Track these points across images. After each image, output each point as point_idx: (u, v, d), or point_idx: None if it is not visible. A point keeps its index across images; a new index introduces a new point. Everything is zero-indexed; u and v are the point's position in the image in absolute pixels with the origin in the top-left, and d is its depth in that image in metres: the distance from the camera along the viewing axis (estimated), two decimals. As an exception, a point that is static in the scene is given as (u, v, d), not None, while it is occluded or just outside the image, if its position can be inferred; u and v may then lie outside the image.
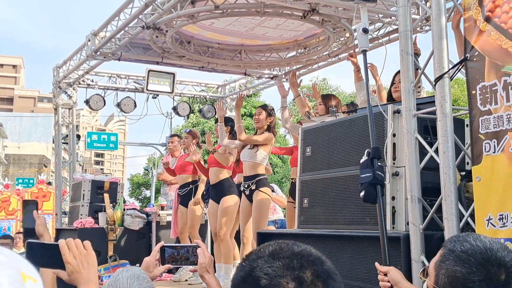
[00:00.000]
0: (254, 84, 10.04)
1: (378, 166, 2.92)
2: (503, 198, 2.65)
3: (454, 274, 1.60)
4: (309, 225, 4.24)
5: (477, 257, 1.59)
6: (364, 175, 2.92)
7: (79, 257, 1.74)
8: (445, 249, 1.67)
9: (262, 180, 6.15)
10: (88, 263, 1.75)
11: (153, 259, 2.33)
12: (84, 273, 1.73)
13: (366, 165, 2.93)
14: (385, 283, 2.39)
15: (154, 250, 2.37)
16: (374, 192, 2.90)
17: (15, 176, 32.99)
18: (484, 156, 2.78)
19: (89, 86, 9.21)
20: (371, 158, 2.92)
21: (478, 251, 1.60)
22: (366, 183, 2.90)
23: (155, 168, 24.08)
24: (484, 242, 1.63)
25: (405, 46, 3.43)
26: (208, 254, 2.31)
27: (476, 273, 1.57)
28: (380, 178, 2.91)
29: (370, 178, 2.88)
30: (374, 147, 2.98)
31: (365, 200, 2.96)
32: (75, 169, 9.71)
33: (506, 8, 2.74)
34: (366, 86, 3.34)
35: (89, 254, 1.77)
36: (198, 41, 7.63)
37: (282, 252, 1.22)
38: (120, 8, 6.68)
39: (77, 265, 1.73)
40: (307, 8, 6.02)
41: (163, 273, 2.43)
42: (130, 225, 7.53)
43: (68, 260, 1.73)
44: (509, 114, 2.65)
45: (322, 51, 7.61)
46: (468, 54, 2.94)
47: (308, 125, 4.67)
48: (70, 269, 1.73)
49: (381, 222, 2.89)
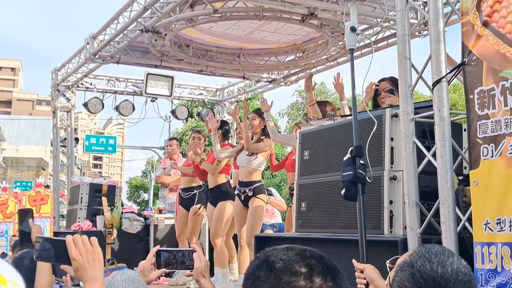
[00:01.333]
0: (253, 87, 10.05)
1: (360, 164, 2.95)
2: (500, 202, 2.65)
3: None
4: (307, 229, 4.24)
5: (428, 285, 1.51)
6: (345, 173, 2.94)
7: (85, 254, 1.73)
8: (411, 257, 1.60)
9: (259, 187, 6.16)
10: (94, 260, 1.74)
11: (148, 263, 2.32)
12: (90, 271, 1.72)
13: (348, 163, 2.95)
14: (361, 280, 2.39)
15: (149, 254, 2.36)
16: (355, 190, 2.92)
17: (13, 179, 32.92)
18: (481, 160, 2.78)
19: (88, 89, 9.22)
20: (353, 156, 2.94)
21: (432, 278, 1.51)
22: (347, 181, 2.92)
23: (153, 171, 24.06)
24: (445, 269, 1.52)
25: (403, 50, 3.43)
26: (204, 259, 2.30)
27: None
28: (361, 176, 2.92)
29: (351, 176, 2.91)
30: (356, 145, 3.00)
31: (345, 198, 2.97)
32: (73, 172, 9.70)
33: (504, 13, 2.75)
34: (352, 86, 3.28)
35: (95, 251, 1.75)
36: (197, 45, 7.64)
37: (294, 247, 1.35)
38: (119, 12, 6.69)
39: (83, 261, 1.72)
40: (305, 12, 6.04)
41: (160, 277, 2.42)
42: (128, 229, 7.51)
43: (74, 256, 1.72)
44: (506, 118, 2.66)
45: (321, 55, 7.62)
46: (466, 58, 2.95)
47: (306, 129, 4.67)
48: (76, 265, 1.72)
49: (360, 221, 2.92)
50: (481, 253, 2.72)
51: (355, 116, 3.09)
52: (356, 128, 3.08)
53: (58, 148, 9.64)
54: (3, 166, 40.74)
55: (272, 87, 9.34)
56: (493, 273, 2.63)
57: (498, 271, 2.61)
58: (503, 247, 2.60)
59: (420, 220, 3.28)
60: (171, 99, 9.73)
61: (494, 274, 2.62)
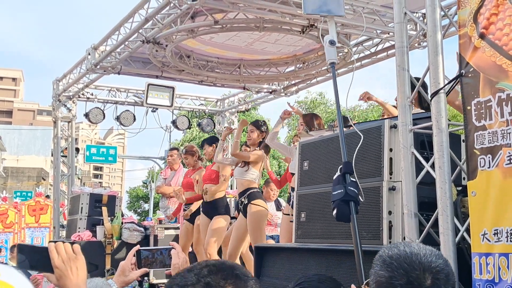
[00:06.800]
0: (253, 98, 10.09)
1: (351, 181, 2.73)
2: (497, 213, 2.66)
3: (379, 279, 1.59)
4: (307, 239, 4.25)
5: (400, 261, 1.57)
6: (336, 192, 2.72)
7: (68, 262, 1.72)
8: (377, 255, 1.67)
9: (253, 193, 6.12)
10: (77, 268, 1.72)
11: (128, 263, 2.30)
12: (73, 279, 1.70)
13: (338, 181, 2.75)
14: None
15: (129, 253, 2.34)
16: (347, 209, 2.69)
17: (13, 189, 32.87)
18: (479, 171, 2.80)
19: (89, 99, 9.26)
20: (343, 174, 2.74)
21: (402, 256, 1.58)
22: (338, 200, 2.69)
23: (154, 181, 24.06)
24: (412, 248, 1.61)
25: (401, 62, 3.46)
26: (182, 255, 2.30)
27: (397, 277, 1.55)
28: (353, 194, 2.70)
29: (342, 194, 2.69)
30: (345, 161, 2.81)
31: (338, 219, 2.74)
32: (73, 182, 9.72)
33: (500, 25, 2.79)
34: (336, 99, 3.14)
35: (78, 258, 1.74)
36: (197, 56, 7.69)
37: (195, 266, 1.38)
38: (121, 23, 6.75)
39: (66, 269, 1.71)
40: (305, 23, 6.09)
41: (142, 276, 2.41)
42: (128, 239, 7.51)
43: (56, 264, 1.71)
44: (503, 129, 2.68)
45: (321, 66, 7.67)
46: (463, 70, 2.98)
47: (306, 140, 4.70)
48: (59, 273, 1.71)
49: (355, 240, 2.75)
50: (479, 264, 2.73)
51: (341, 132, 2.96)
52: (344, 144, 2.92)
53: (59, 158, 9.67)
54: (4, 176, 40.73)
55: (273, 97, 9.38)
56: (491, 284, 2.64)
57: (495, 281, 2.62)
58: (500, 257, 2.61)
59: (419, 230, 3.29)
60: (172, 109, 9.77)
61: (491, 284, 2.63)
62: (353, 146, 3.95)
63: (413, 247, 1.62)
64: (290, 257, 4.18)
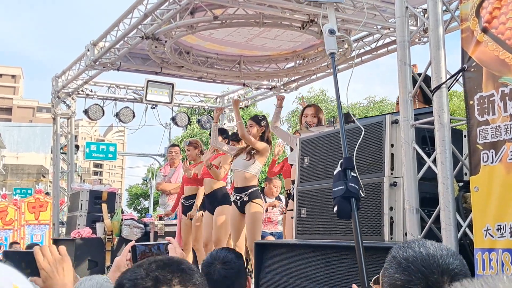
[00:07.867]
0: (253, 94, 10.06)
1: (352, 177, 2.65)
2: (501, 208, 2.64)
3: (395, 282, 1.54)
4: (307, 236, 4.23)
5: (417, 264, 1.52)
6: (336, 188, 2.65)
7: (54, 263, 1.71)
8: (390, 256, 1.61)
9: (255, 192, 6.14)
10: (63, 269, 1.72)
11: (124, 259, 2.26)
12: (59, 279, 1.70)
13: (338, 177, 2.67)
14: None
15: (125, 249, 2.31)
16: (348, 206, 2.62)
17: (12, 186, 32.87)
18: (482, 166, 2.78)
19: (88, 96, 9.23)
20: (344, 169, 2.66)
21: (419, 258, 1.53)
22: (338, 197, 2.62)
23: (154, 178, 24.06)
24: (428, 248, 1.55)
25: (403, 56, 3.44)
26: (179, 251, 2.28)
27: (415, 281, 1.50)
28: (354, 190, 2.62)
29: (343, 191, 2.61)
30: (346, 157, 2.73)
31: (339, 216, 2.67)
32: (73, 179, 9.70)
33: (503, 19, 2.76)
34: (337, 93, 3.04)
35: (64, 259, 1.74)
36: (197, 52, 7.65)
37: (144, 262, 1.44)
38: (120, 19, 6.71)
39: (52, 271, 1.70)
40: (305, 19, 6.05)
41: None
42: (128, 236, 7.50)
43: (42, 266, 1.71)
44: (506, 124, 2.66)
45: (321, 62, 7.63)
46: (466, 64, 2.95)
47: (306, 135, 4.67)
48: (44, 275, 1.70)
49: (356, 237, 2.68)
50: (481, 260, 2.71)
51: (342, 126, 2.89)
52: (344, 139, 2.84)
53: (58, 155, 9.64)
54: (3, 173, 40.71)
55: (272, 94, 9.35)
56: (494, 280, 2.62)
57: (499, 277, 2.60)
58: (503, 253, 2.59)
59: (421, 226, 3.28)
60: (171, 106, 9.74)
61: (495, 280, 2.61)
62: (354, 142, 3.93)
63: (429, 248, 1.56)
64: (291, 253, 4.17)
